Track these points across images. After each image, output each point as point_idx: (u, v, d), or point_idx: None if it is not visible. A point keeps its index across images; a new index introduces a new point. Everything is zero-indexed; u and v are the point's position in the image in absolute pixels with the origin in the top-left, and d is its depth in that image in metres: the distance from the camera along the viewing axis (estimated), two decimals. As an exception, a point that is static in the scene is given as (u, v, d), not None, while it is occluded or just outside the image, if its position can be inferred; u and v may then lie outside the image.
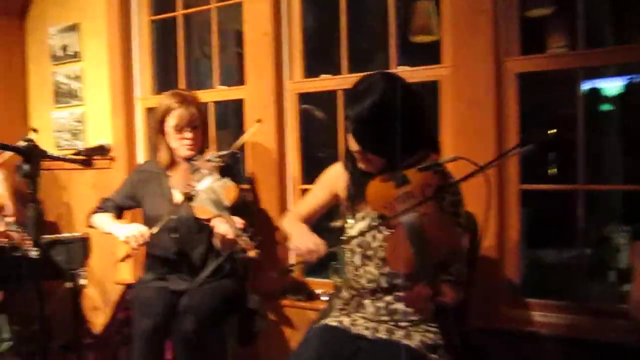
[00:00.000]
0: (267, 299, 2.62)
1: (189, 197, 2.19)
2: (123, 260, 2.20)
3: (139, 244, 2.13)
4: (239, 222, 2.07)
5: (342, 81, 2.59)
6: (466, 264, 1.63)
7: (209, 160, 2.29)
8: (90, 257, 2.74)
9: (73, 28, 3.32)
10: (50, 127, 3.46)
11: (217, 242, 2.19)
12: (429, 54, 2.44)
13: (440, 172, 1.51)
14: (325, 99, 2.83)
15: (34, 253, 1.47)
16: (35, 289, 1.49)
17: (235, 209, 2.15)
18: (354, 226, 1.70)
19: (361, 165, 1.64)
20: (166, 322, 2.13)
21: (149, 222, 2.29)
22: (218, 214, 2.10)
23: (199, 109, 2.38)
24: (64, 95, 3.40)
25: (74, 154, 1.75)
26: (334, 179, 1.82)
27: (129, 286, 3.12)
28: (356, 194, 1.69)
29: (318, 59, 2.83)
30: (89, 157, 1.79)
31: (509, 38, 2.21)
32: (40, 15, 3.51)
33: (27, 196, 1.50)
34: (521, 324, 2.19)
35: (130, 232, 2.16)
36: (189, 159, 2.36)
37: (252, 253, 2.00)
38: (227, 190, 2.19)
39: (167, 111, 2.33)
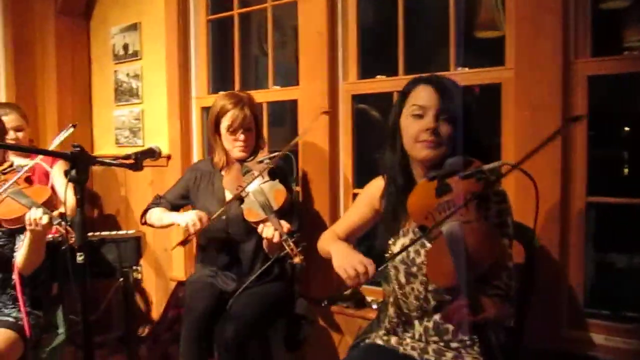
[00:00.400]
0: (316, 304, 2.58)
1: (239, 199, 2.19)
2: (180, 244, 2.19)
3: (197, 230, 2.14)
4: (285, 226, 2.03)
5: (399, 83, 2.48)
6: (515, 278, 1.50)
7: (260, 162, 2.29)
8: (145, 254, 2.78)
9: (134, 27, 3.39)
10: (111, 124, 3.55)
11: (265, 244, 2.18)
12: (492, 54, 2.30)
13: (484, 179, 1.40)
14: (380, 101, 2.73)
15: (79, 258, 1.47)
16: (81, 289, 1.49)
17: (284, 213, 2.12)
18: (396, 242, 1.61)
19: (420, 150, 1.52)
20: (213, 314, 2.16)
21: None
22: (266, 218, 2.08)
23: (253, 111, 2.36)
24: (124, 94, 3.48)
25: (124, 158, 1.73)
26: (376, 193, 1.72)
27: (180, 283, 3.17)
28: (398, 207, 1.59)
29: (373, 59, 2.74)
30: (138, 161, 1.75)
31: (580, 37, 2.04)
32: (103, 16, 3.60)
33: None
34: (583, 347, 2.03)
35: (191, 217, 2.17)
36: (241, 161, 2.35)
37: (296, 259, 1.96)
38: (277, 193, 2.17)
39: (222, 112, 2.33)
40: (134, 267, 2.67)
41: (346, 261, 1.53)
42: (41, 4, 3.51)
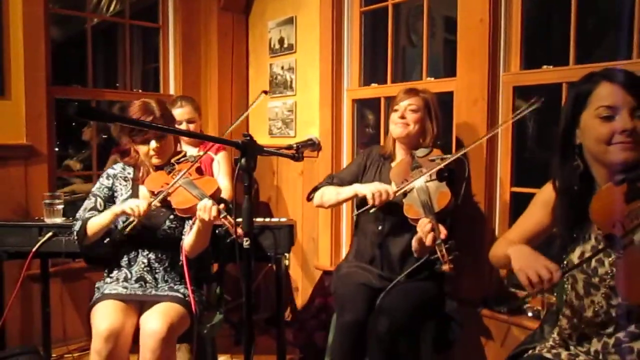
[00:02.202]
0: (466, 306, 2.47)
1: (403, 193, 2.17)
2: (363, 212, 2.20)
3: (382, 201, 2.13)
4: (443, 232, 1.95)
5: (568, 73, 2.28)
6: None
7: (432, 161, 2.24)
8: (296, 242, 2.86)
9: (290, 21, 3.49)
10: (265, 115, 3.70)
11: (415, 245, 2.12)
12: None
13: None
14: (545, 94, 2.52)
15: (245, 243, 1.53)
16: (246, 272, 1.55)
17: (443, 216, 2.06)
18: (575, 249, 1.46)
19: (621, 152, 1.37)
20: (367, 318, 2.13)
21: (361, 205, 2.27)
22: (425, 217, 2.02)
23: (423, 97, 2.37)
24: (278, 86, 3.61)
25: (286, 148, 1.78)
26: (551, 198, 1.57)
27: (326, 273, 3.22)
28: (577, 214, 1.44)
29: (538, 48, 2.54)
30: (299, 152, 1.79)
31: None
32: (261, 11, 3.76)
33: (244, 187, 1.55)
34: None
35: (376, 188, 2.15)
36: (413, 155, 2.35)
37: (445, 267, 1.88)
38: (441, 195, 2.12)
39: (395, 96, 2.42)
40: (285, 254, 2.77)
41: (529, 264, 1.40)
42: (206, 2, 3.75)
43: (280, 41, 3.57)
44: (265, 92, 2.50)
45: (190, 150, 2.88)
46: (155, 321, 1.95)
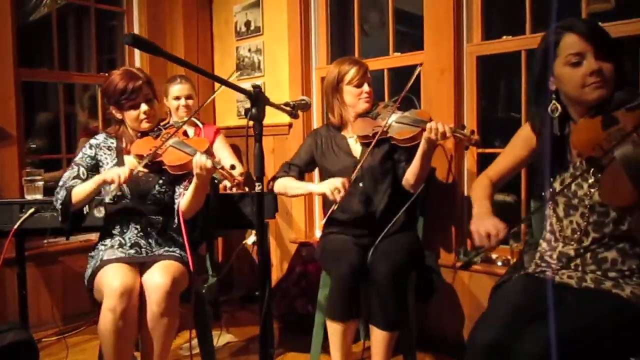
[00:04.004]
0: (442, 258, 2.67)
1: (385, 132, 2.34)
2: (331, 214, 2.32)
3: (342, 196, 2.23)
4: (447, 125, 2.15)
5: (525, 42, 2.52)
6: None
7: (386, 106, 2.44)
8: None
9: (256, 4, 3.60)
10: (233, 97, 3.79)
11: (423, 146, 2.25)
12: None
13: None
14: (506, 62, 2.76)
15: (257, 187, 1.64)
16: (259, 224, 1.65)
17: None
18: (556, 179, 1.67)
19: (594, 91, 1.57)
20: (360, 269, 2.24)
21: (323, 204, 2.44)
22: (423, 127, 2.20)
23: (368, 70, 2.52)
24: (246, 68, 3.70)
25: (284, 105, 1.90)
26: (528, 136, 1.79)
27: (302, 244, 3.35)
28: (558, 145, 1.65)
29: (498, 19, 2.78)
30: (295, 110, 1.91)
31: None
32: (226, -3, 3.86)
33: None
34: None
35: (332, 185, 2.25)
36: (365, 114, 2.49)
37: (474, 136, 2.11)
38: (420, 112, 2.36)
39: (343, 71, 2.48)
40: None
41: (480, 223, 1.67)
42: (171, -13, 3.81)
43: (246, 24, 3.67)
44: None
45: (189, 131, 2.95)
46: (159, 276, 2.01)
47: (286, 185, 2.53)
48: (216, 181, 2.58)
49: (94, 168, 2.30)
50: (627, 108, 1.46)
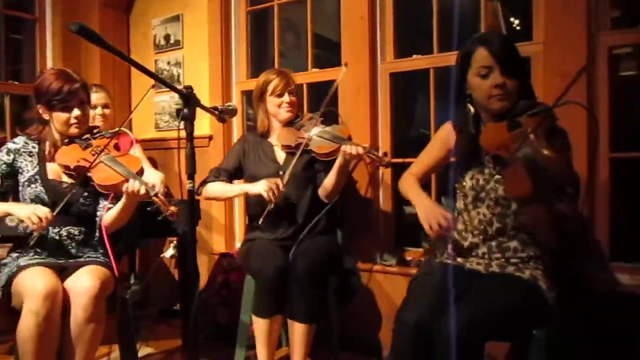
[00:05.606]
0: (361, 262, 2.81)
1: (306, 145, 2.45)
2: (266, 217, 2.35)
3: (277, 196, 2.31)
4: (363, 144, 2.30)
5: (433, 60, 2.76)
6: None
7: (311, 118, 2.58)
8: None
9: (176, 19, 3.63)
10: (151, 110, 3.77)
11: (339, 164, 2.38)
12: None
13: (550, 116, 1.65)
14: (418, 79, 2.99)
15: (189, 185, 1.69)
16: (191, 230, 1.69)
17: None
18: (468, 174, 1.87)
19: (497, 102, 1.76)
20: (285, 269, 2.32)
21: (254, 203, 2.52)
22: (339, 145, 2.34)
23: (293, 80, 2.66)
24: (165, 81, 3.70)
25: (212, 108, 1.96)
26: (448, 134, 1.99)
27: (223, 255, 3.36)
28: (470, 144, 1.85)
29: (409, 39, 3.01)
30: (222, 115, 1.98)
31: (601, 12, 2.33)
32: (144, 9, 3.85)
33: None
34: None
35: (267, 185, 2.32)
36: (290, 123, 2.62)
37: (387, 159, 2.24)
38: (341, 129, 2.51)
39: (267, 81, 2.62)
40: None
41: (431, 215, 1.78)
42: (87, -2, 3.75)
43: (166, 37, 3.69)
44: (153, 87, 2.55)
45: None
46: (86, 279, 1.96)
47: (222, 188, 2.57)
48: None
49: (10, 175, 2.18)
50: (530, 114, 1.67)
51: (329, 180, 2.46)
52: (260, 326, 2.33)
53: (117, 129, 2.49)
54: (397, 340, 1.68)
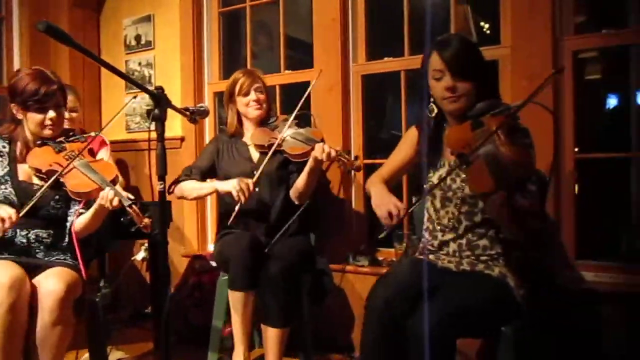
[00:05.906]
0: (333, 262, 2.82)
1: (279, 145, 2.47)
2: (235, 217, 2.36)
3: (247, 195, 2.32)
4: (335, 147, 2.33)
5: (404, 63, 2.80)
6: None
7: (286, 119, 2.59)
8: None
9: (147, 19, 3.60)
10: (122, 111, 3.71)
11: (310, 165, 2.40)
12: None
13: (511, 116, 1.69)
14: (390, 80, 3.02)
15: (159, 186, 1.68)
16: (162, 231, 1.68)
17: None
18: (435, 175, 1.90)
19: (450, 104, 1.81)
20: (258, 249, 2.35)
21: (225, 203, 2.52)
22: (311, 147, 2.36)
23: (261, 78, 2.68)
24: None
25: (184, 109, 1.94)
26: (414, 137, 2.02)
27: (195, 256, 3.34)
28: (435, 144, 1.88)
29: (381, 42, 3.04)
30: (194, 115, 1.96)
31: (565, 17, 2.39)
32: (114, 9, 3.81)
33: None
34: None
35: (238, 184, 2.32)
36: (265, 123, 2.64)
37: (357, 162, 2.32)
38: (313, 132, 2.53)
39: (235, 81, 2.64)
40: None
41: (382, 203, 1.84)
42: (56, -4, 3.69)
43: (137, 38, 3.65)
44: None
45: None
46: (53, 282, 1.93)
47: (192, 186, 2.57)
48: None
49: None
50: (492, 114, 1.72)
51: (301, 182, 2.48)
52: (235, 298, 2.33)
53: (93, 133, 2.45)
54: (366, 320, 1.76)
